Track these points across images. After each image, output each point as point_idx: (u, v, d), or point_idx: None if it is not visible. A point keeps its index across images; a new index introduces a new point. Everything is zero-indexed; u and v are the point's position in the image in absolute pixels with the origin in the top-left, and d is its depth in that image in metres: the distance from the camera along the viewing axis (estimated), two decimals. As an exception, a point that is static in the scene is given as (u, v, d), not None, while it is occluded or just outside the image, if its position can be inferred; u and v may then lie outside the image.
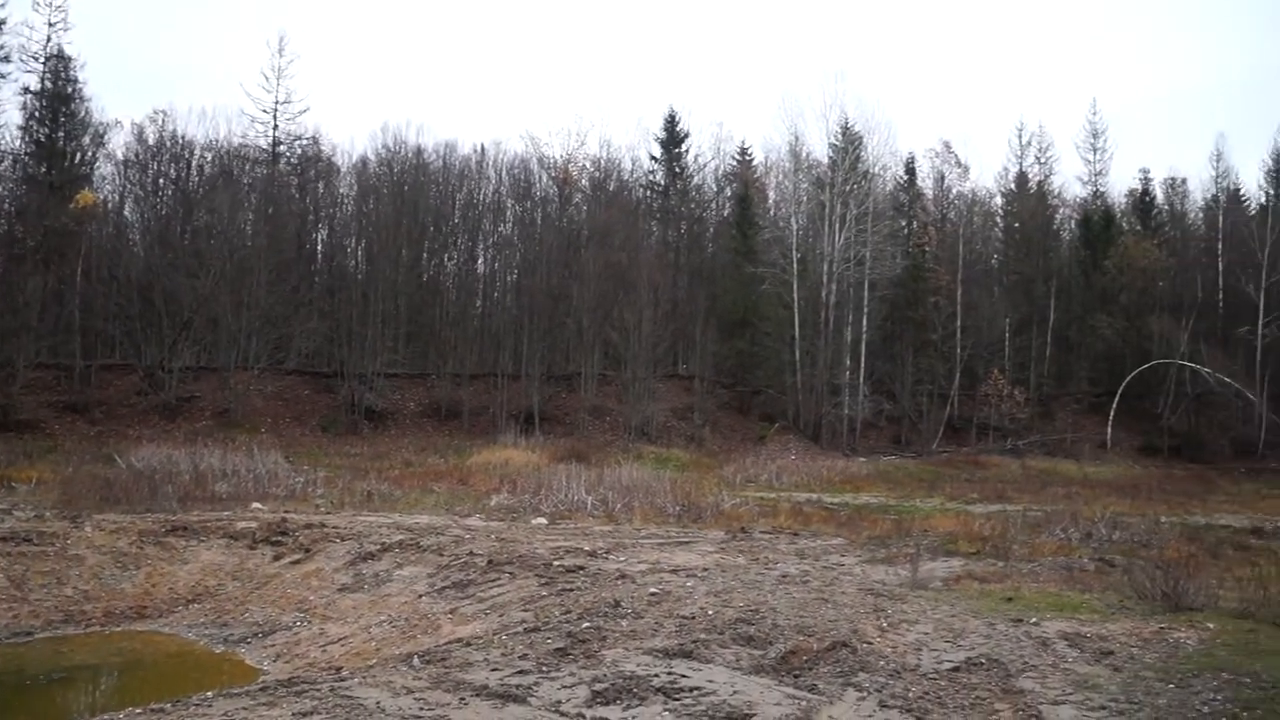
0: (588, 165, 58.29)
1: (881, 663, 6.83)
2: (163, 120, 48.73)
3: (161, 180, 49.17)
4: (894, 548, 14.87)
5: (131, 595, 13.03)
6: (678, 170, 58.74)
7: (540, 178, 56.51)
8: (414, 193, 50.73)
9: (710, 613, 8.69)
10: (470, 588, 11.49)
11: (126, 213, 48.74)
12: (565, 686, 6.23)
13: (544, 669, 6.71)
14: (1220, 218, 58.44)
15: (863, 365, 48.69)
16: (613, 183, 58.24)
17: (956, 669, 6.70)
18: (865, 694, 6.00)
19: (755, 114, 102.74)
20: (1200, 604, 9.61)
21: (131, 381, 39.70)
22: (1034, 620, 8.66)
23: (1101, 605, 9.85)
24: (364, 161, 53.80)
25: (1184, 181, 65.17)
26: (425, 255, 51.97)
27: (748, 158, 62.21)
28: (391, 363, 44.93)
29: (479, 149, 55.77)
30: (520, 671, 6.65)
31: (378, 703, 5.88)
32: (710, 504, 20.38)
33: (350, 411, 41.06)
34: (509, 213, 55.98)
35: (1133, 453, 48.03)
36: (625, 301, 45.43)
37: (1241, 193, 62.52)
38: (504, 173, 55.37)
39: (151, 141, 48.37)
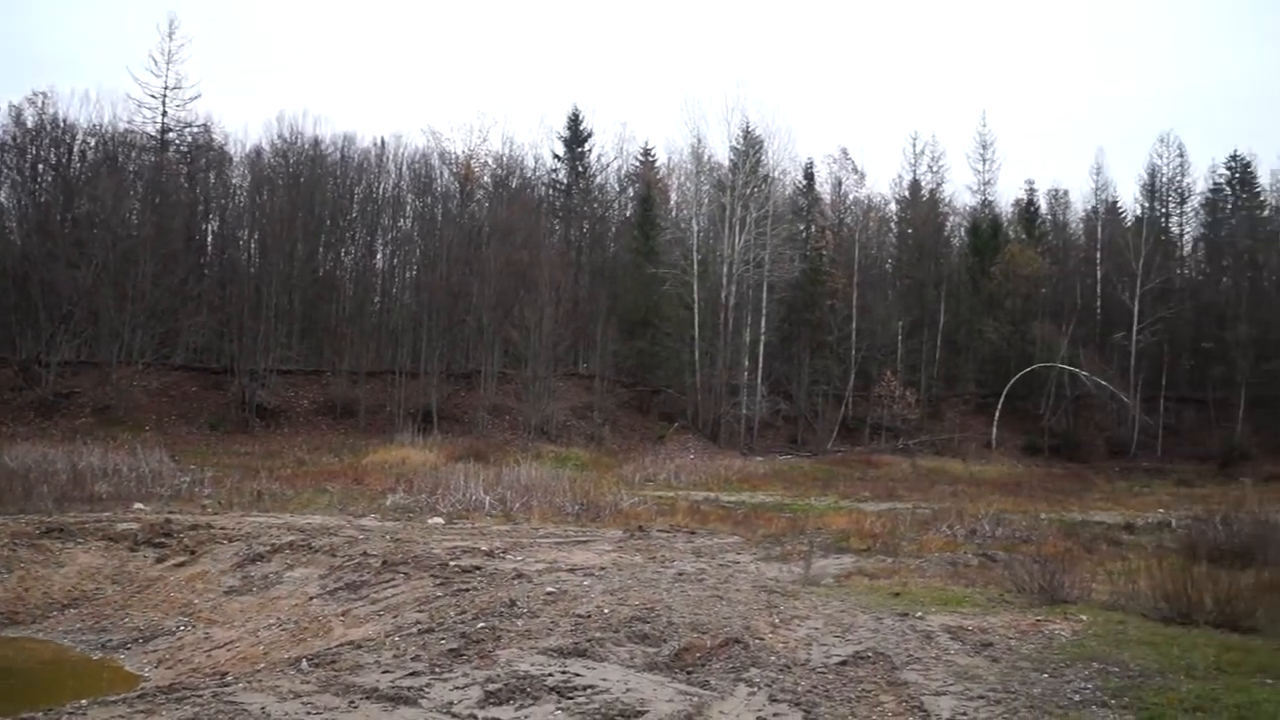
0: (490, 162, 57.83)
1: (773, 658, 6.97)
2: (43, 103, 46.46)
3: (41, 166, 46.94)
4: (788, 545, 15.13)
5: (2, 600, 12.42)
6: (581, 169, 58.71)
7: (441, 173, 55.80)
8: (310, 185, 49.48)
9: (606, 611, 8.72)
10: (363, 589, 11.29)
11: (2, 199, 46.42)
12: (458, 687, 6.19)
13: (437, 670, 6.65)
14: (1099, 228, 61.17)
15: (761, 366, 49.45)
16: (515, 180, 57.86)
17: (844, 663, 6.87)
18: (756, 689, 6.11)
19: (658, 115, 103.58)
20: (1075, 597, 10.06)
21: (5, 376, 37.81)
22: (919, 614, 8.94)
23: (983, 599, 10.23)
24: (258, 151, 52.22)
25: (1066, 193, 68.04)
26: (321, 249, 50.79)
27: (650, 158, 62.58)
28: (285, 359, 43.78)
29: (379, 142, 54.75)
30: (412, 673, 6.57)
31: (263, 708, 5.74)
32: (609, 503, 20.43)
33: (241, 409, 39.87)
34: (409, 208, 55.07)
35: (1016, 452, 49.89)
36: (526, 300, 45.20)
37: (1119, 205, 65.58)
38: (404, 167, 54.48)
39: (30, 125, 46.12)
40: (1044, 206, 66.12)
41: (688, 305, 48.17)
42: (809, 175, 61.22)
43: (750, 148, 51.59)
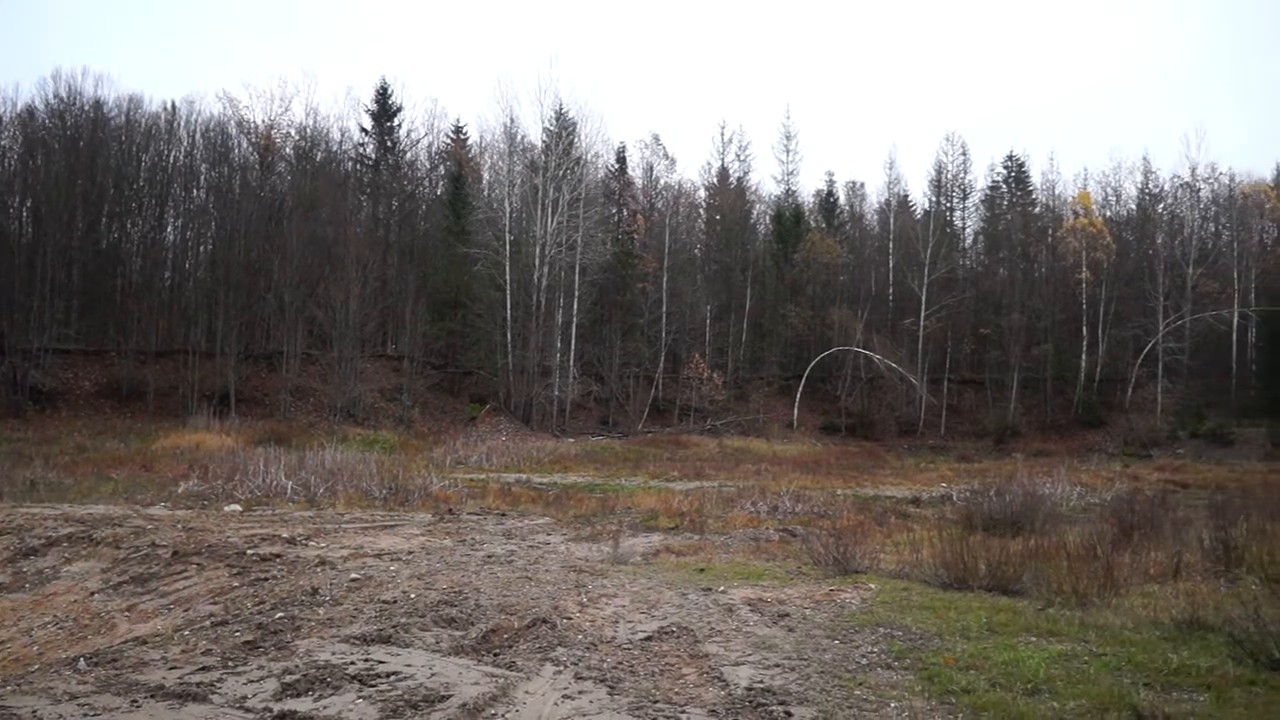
0: (292, 133, 55.28)
1: (580, 636, 7.03)
2: None
3: None
4: (599, 525, 15.31)
5: None
6: (390, 144, 57.01)
7: (239, 143, 52.87)
8: (91, 150, 45.85)
9: (413, 596, 8.57)
10: (152, 582, 10.62)
11: None
12: (252, 681, 5.93)
13: (230, 664, 6.34)
14: (891, 220, 64.75)
15: (573, 348, 49.67)
16: (320, 153, 55.61)
17: (649, 638, 7.02)
18: (562, 667, 6.15)
19: (471, 93, 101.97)
20: (865, 567, 10.65)
21: None
22: (722, 589, 9.23)
23: (782, 572, 10.67)
24: (30, 112, 47.90)
25: (863, 185, 71.86)
26: (105, 220, 47.18)
27: (463, 136, 61.56)
28: (63, 337, 40.57)
29: (169, 107, 51.34)
30: (203, 668, 6.25)
31: (34, 712, 5.33)
32: (418, 486, 20.04)
33: (12, 391, 36.70)
34: (203, 178, 51.92)
35: (815, 431, 52.27)
36: (331, 278, 43.63)
37: (909, 198, 69.66)
38: (198, 135, 51.28)
39: None
40: (843, 198, 69.50)
41: (500, 286, 47.76)
42: (621, 159, 61.92)
43: (563, 129, 51.56)
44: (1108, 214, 64.43)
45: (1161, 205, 64.91)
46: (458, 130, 61.73)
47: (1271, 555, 10.77)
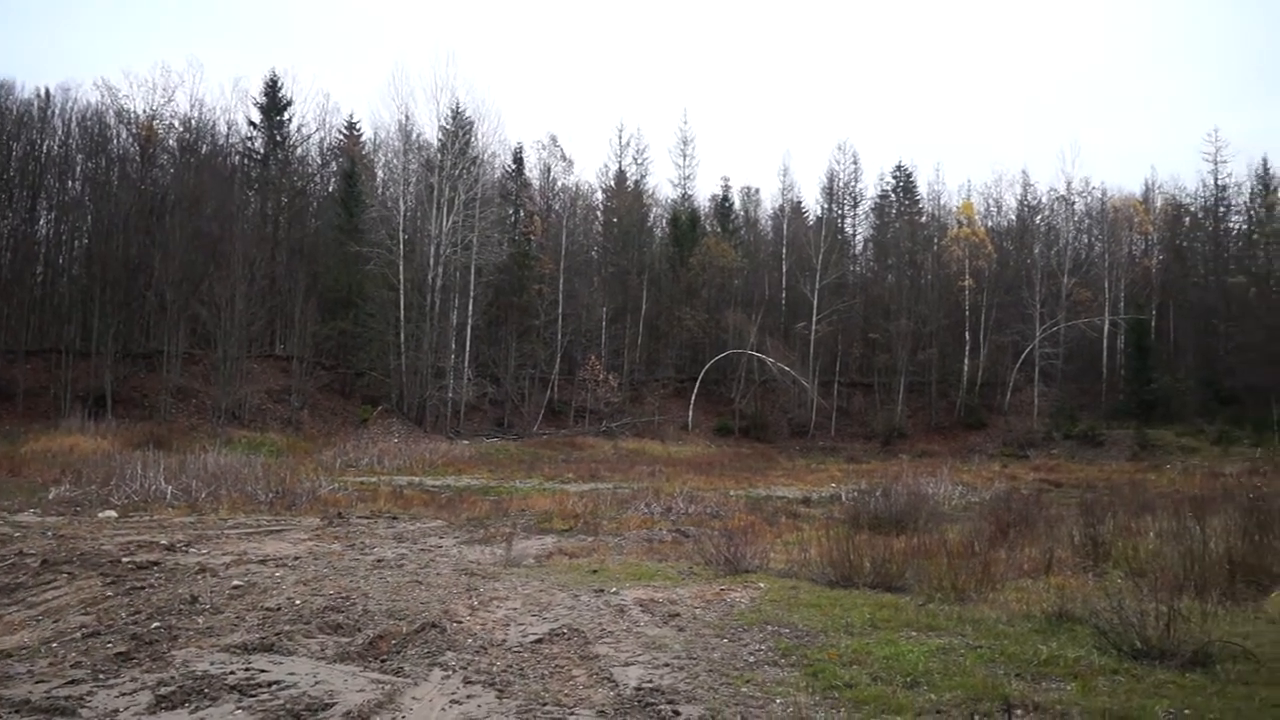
0: (176, 124, 53.20)
1: (470, 640, 6.97)
2: None
3: None
4: (492, 528, 15.19)
5: None
6: (279, 139, 55.41)
7: (118, 133, 50.63)
8: (-46, 137, 43.40)
9: (298, 603, 8.36)
10: (19, 592, 10.07)
11: None
12: (125, 693, 5.70)
13: (101, 676, 6.08)
14: (785, 226, 65.93)
15: (468, 349, 49.16)
16: (205, 146, 53.65)
17: (540, 640, 7.00)
18: (451, 672, 6.09)
19: (365, 89, 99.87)
20: (756, 566, 10.83)
21: None
22: (614, 590, 9.27)
23: (674, 572, 10.77)
24: (-114, 94, 45.07)
25: (757, 191, 73.04)
26: (-31, 211, 44.69)
27: (356, 133, 60.38)
28: (-78, 335, 38.31)
29: (43, 94, 48.93)
30: (72, 681, 5.97)
31: (-117, 733, 5.02)
32: (306, 490, 19.55)
33: None
34: (79, 169, 49.59)
35: (710, 433, 52.87)
36: (217, 275, 42.22)
37: (802, 205, 71.11)
38: (74, 124, 49.05)
39: None
40: (738, 203, 70.53)
41: (393, 286, 46.93)
42: (518, 160, 61.61)
43: (460, 128, 51.02)
44: (989, 224, 66.98)
45: (1039, 217, 67.81)
46: (351, 126, 60.51)
47: (1135, 550, 11.35)
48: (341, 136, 60.17)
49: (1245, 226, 64.97)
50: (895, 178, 70.27)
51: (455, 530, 15.00)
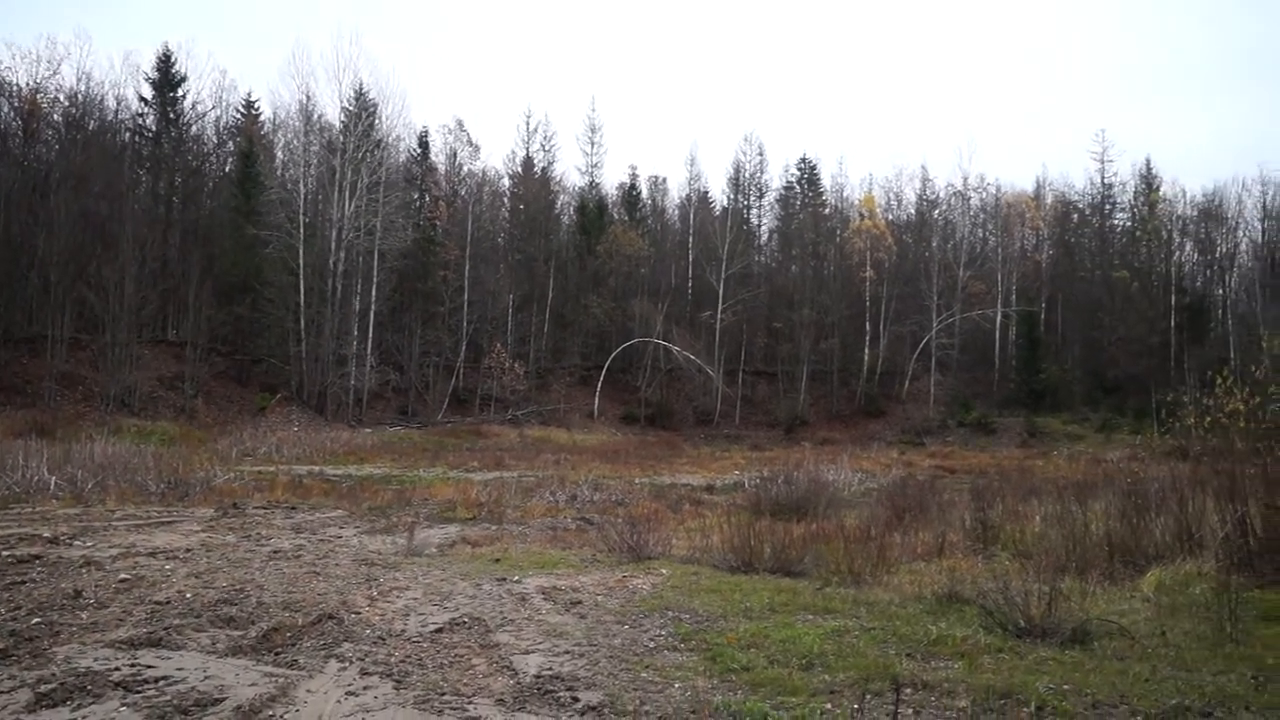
0: (61, 99, 50.78)
1: (368, 631, 6.88)
2: None
3: None
4: (394, 517, 14.99)
5: None
6: (173, 116, 53.39)
7: (0, 107, 48.11)
8: None
9: (189, 596, 8.12)
10: (-116, 589, 9.58)
11: None
12: (2, 692, 5.46)
13: (-24, 675, 5.82)
14: (692, 215, 66.44)
15: (370, 335, 48.29)
16: (93, 122, 51.35)
17: (440, 630, 6.94)
18: (347, 664, 5.99)
19: (264, 67, 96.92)
20: (658, 553, 10.93)
21: None
22: (517, 578, 9.25)
23: (577, 560, 10.79)
24: None
25: (665, 180, 73.43)
26: None
27: (255, 112, 58.59)
28: None
29: (-89, 63, 46.12)
30: (-56, 681, 5.70)
31: None
32: (200, 480, 18.98)
33: None
34: (-46, 144, 46.97)
35: (616, 421, 53.06)
36: (105, 257, 40.56)
37: (709, 195, 71.71)
38: (-53, 95, 46.34)
39: None
40: (645, 192, 70.76)
41: (293, 270, 45.75)
42: (424, 144, 60.65)
43: (363, 110, 49.96)
44: (890, 217, 68.67)
45: (937, 211, 69.76)
46: (249, 105, 58.66)
47: (1022, 533, 11.80)
48: (239, 115, 58.35)
49: (1129, 224, 67.93)
50: (800, 170, 71.45)
51: (356, 520, 14.75)
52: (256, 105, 58.80)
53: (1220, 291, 65.30)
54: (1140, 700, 5.28)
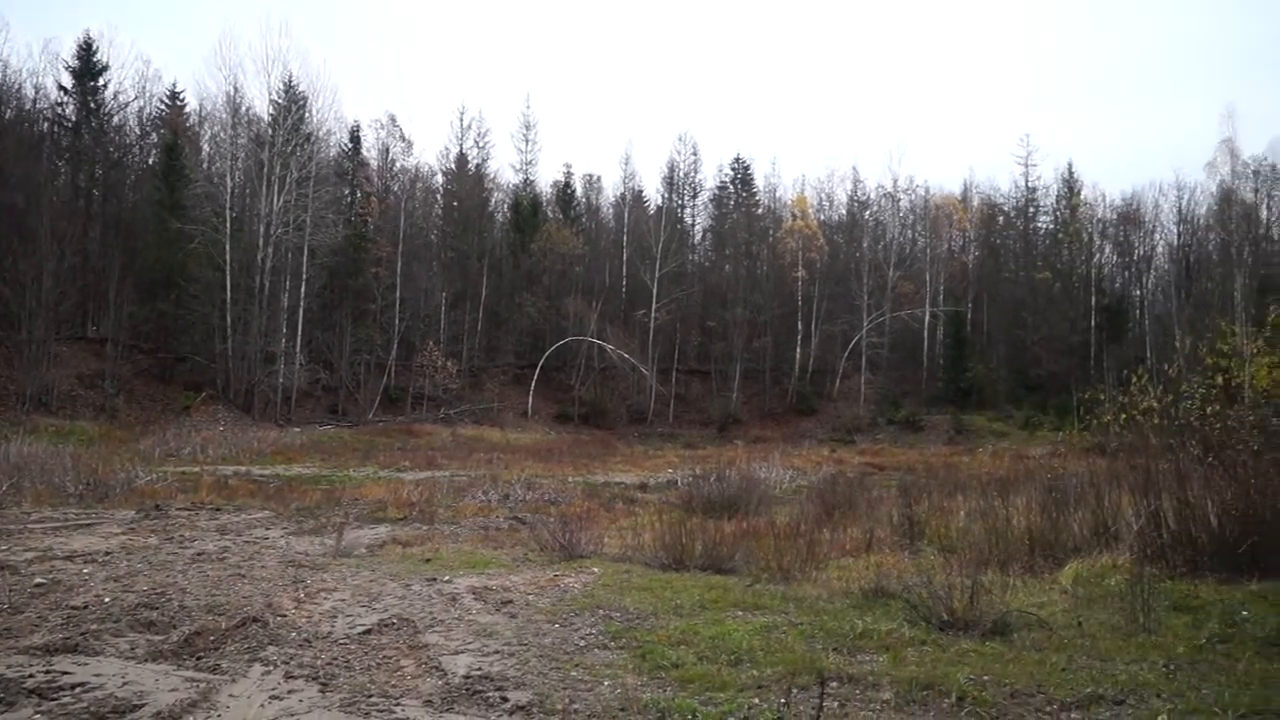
0: (-27, 87, 48.96)
1: (294, 634, 6.77)
2: None
3: None
4: (322, 518, 14.79)
5: None
6: (94, 106, 51.73)
7: (-93, 94, 46.29)
8: None
9: (108, 600, 7.92)
10: None
11: None
12: (-91, 702, 5.27)
13: (-120, 685, 5.60)
14: (626, 214, 66.55)
15: (300, 333, 47.44)
16: (9, 111, 49.59)
17: (368, 631, 6.87)
18: (272, 667, 5.90)
19: (190, 57, 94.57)
20: (590, 552, 10.93)
21: None
22: (447, 578, 9.19)
23: (509, 560, 10.75)
24: None
25: (599, 179, 73.48)
26: None
27: (180, 103, 57.19)
28: None
29: None
30: None
31: None
32: (121, 481, 18.46)
33: None
34: None
35: (549, 420, 52.92)
36: (22, 251, 39.18)
37: (644, 194, 71.88)
38: None
39: None
40: (580, 190, 70.65)
41: (219, 266, 44.72)
42: (355, 139, 59.75)
43: (293, 103, 49.07)
44: (822, 218, 69.56)
45: (868, 212, 70.84)
46: (174, 96, 57.24)
47: (947, 528, 12.05)
48: (163, 107, 56.89)
49: (1052, 226, 69.73)
50: (734, 170, 71.94)
51: (283, 521, 14.52)
52: (181, 96, 57.47)
53: (1138, 293, 67.40)
54: (1057, 690, 5.44)
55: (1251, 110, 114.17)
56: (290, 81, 49.58)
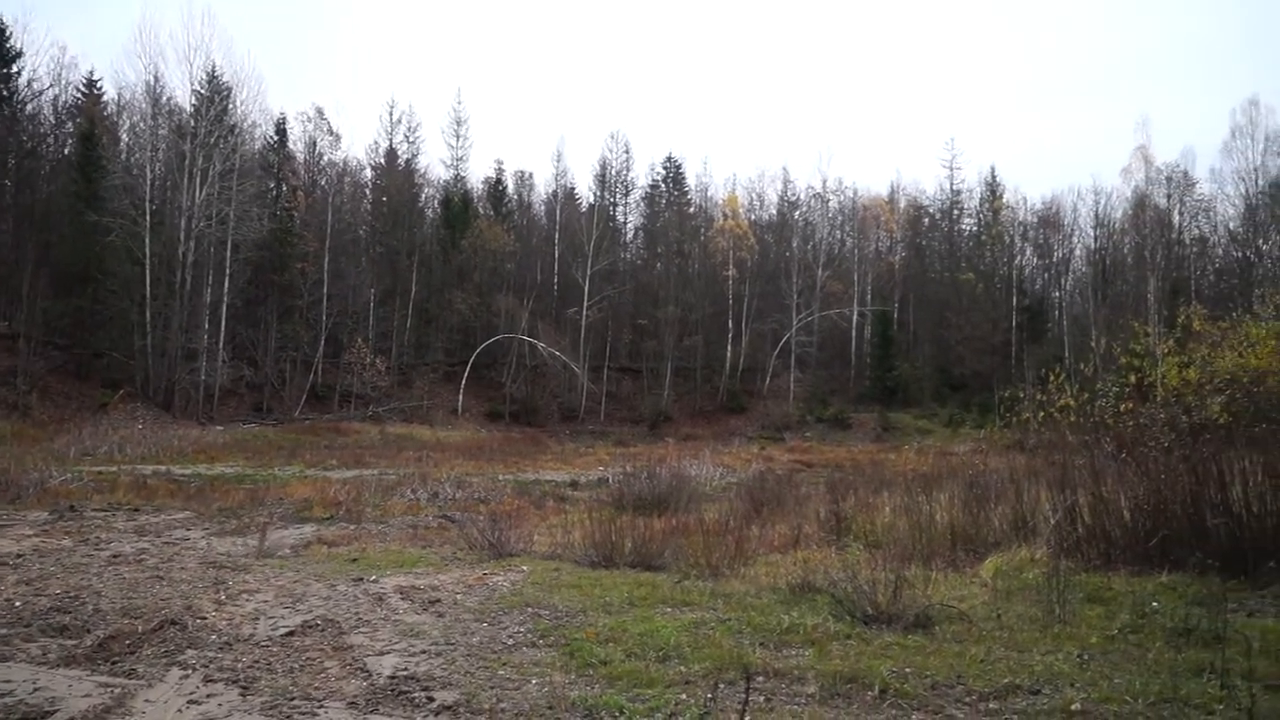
0: (-125, 72, 46.82)
1: (214, 636, 6.62)
2: None
3: None
4: (246, 518, 14.49)
5: None
6: (6, 94, 49.83)
7: None
8: None
9: (18, 604, 7.66)
10: None
11: None
12: None
13: None
14: (558, 211, 66.36)
15: (223, 329, 46.38)
16: (-88, 97, 47.64)
17: (291, 633, 6.75)
18: (190, 671, 5.76)
19: (108, 44, 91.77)
20: (520, 550, 10.89)
21: None
22: (374, 578, 9.07)
23: (438, 559, 10.65)
24: None
25: (531, 176, 73.02)
26: None
27: (97, 92, 55.44)
28: None
29: None
30: None
31: None
32: (34, 481, 17.84)
33: None
34: None
35: (480, 418, 52.52)
36: (-76, 243, 37.71)
37: (575, 191, 71.74)
38: None
39: None
40: (511, 187, 70.23)
41: (138, 260, 43.46)
42: (281, 131, 58.51)
43: (216, 93, 47.93)
44: (752, 217, 70.18)
45: (798, 212, 71.67)
46: (91, 84, 55.45)
47: (873, 524, 12.25)
48: (80, 95, 55.10)
49: (975, 229, 71.35)
50: (665, 169, 72.17)
51: (205, 521, 14.19)
52: (99, 85, 55.71)
53: (1056, 294, 69.35)
54: (975, 680, 5.57)
55: (1164, 119, 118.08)
56: (214, 71, 48.51)
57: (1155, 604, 7.37)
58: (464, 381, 53.51)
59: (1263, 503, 8.87)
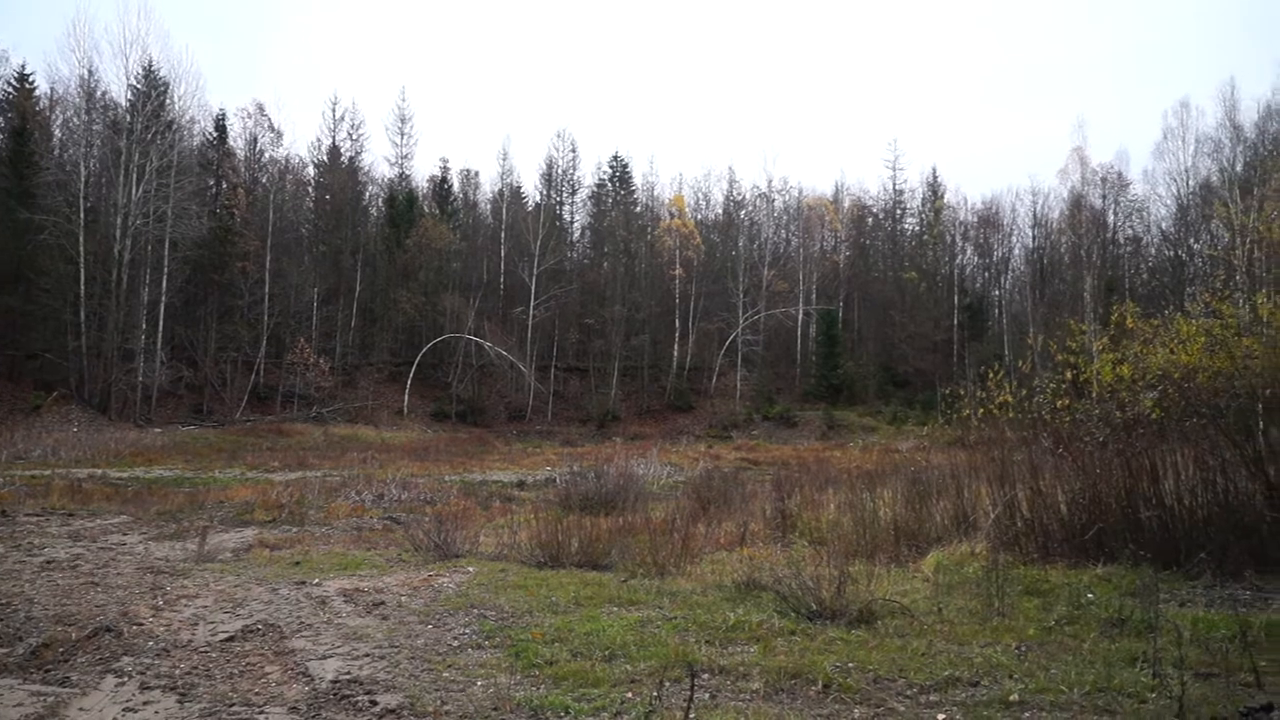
0: None
1: (151, 643, 6.49)
2: None
3: None
4: (185, 522, 14.23)
5: None
6: (-69, 88, 48.44)
7: None
8: None
9: (-54, 613, 7.44)
10: None
11: None
12: None
13: None
14: (504, 210, 65.98)
15: (161, 330, 45.41)
16: None
17: (231, 638, 6.64)
18: (126, 678, 5.64)
19: (40, 37, 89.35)
20: (466, 551, 10.83)
21: None
22: (317, 581, 8.95)
23: (382, 561, 10.55)
24: None
25: (477, 174, 72.57)
26: None
27: (29, 85, 53.83)
28: None
29: None
30: None
31: None
32: (-39, 487, 17.39)
33: None
34: None
35: (426, 418, 52.05)
36: None
37: (522, 190, 71.38)
38: None
39: None
40: (457, 185, 69.68)
41: (72, 259, 42.39)
42: (221, 128, 57.44)
43: (153, 89, 46.91)
44: (699, 217, 70.40)
45: (743, 212, 72.07)
46: (22, 78, 53.83)
47: (818, 521, 12.37)
48: (11, 89, 53.49)
49: (917, 228, 72.36)
50: (612, 168, 72.08)
51: (142, 526, 13.90)
52: (31, 79, 54.10)
53: (996, 292, 70.54)
54: (916, 674, 5.66)
55: (1100, 121, 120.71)
56: (150, 66, 47.46)
57: (1090, 596, 7.55)
58: (409, 382, 53.02)
59: (1194, 495, 9.14)
